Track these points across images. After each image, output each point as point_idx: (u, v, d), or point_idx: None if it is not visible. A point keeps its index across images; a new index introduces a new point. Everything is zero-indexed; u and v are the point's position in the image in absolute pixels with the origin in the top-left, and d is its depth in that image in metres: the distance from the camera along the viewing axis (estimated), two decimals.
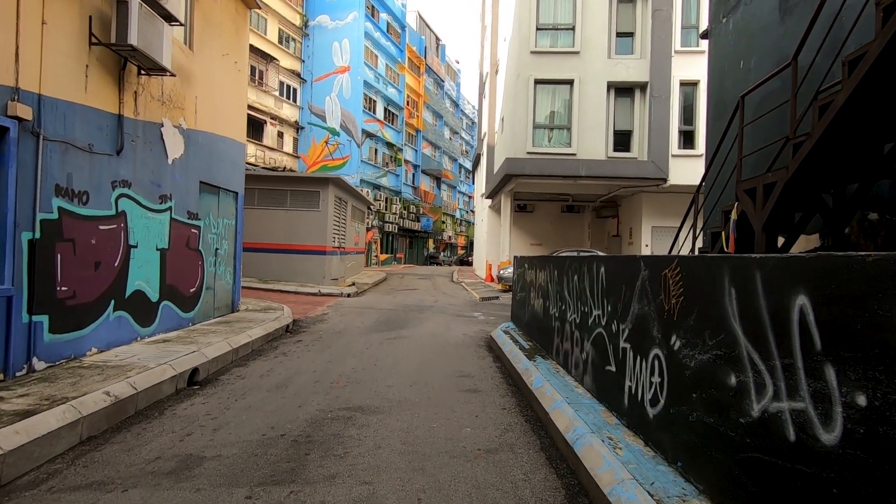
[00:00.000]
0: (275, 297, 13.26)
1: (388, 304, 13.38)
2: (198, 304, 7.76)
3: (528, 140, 15.73)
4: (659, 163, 14.99)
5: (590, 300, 4.41)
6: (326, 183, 16.11)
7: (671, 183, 15.25)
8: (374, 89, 35.19)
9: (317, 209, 16.12)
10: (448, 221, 55.06)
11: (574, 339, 4.86)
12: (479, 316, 11.56)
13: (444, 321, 10.49)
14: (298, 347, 7.36)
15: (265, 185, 16.12)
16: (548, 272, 6.15)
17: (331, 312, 11.20)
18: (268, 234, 16.10)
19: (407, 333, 8.81)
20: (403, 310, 12.14)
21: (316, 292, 14.67)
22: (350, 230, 20.37)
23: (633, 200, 17.80)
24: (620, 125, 15.91)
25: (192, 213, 7.49)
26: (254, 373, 5.86)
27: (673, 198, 16.71)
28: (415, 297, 15.35)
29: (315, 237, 16.09)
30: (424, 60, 44.76)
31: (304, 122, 33.14)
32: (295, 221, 16.12)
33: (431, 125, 47.56)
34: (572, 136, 15.66)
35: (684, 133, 15.72)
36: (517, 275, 8.47)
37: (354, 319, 10.28)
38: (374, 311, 11.59)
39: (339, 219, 18.00)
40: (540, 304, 6.51)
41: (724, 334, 2.36)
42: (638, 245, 17.23)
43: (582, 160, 15.26)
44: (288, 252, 16.10)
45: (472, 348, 7.63)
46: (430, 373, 6.01)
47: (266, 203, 16.14)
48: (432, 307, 12.92)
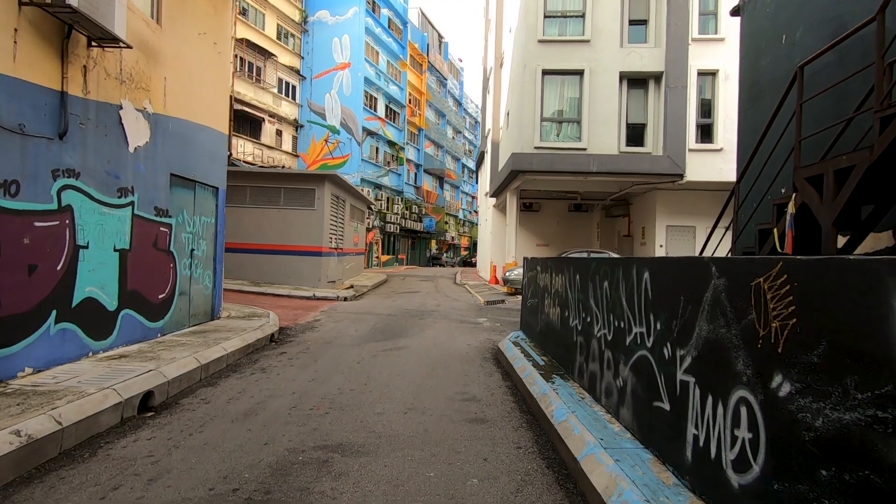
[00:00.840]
0: (265, 301, 12.40)
1: (386, 308, 12.50)
2: (169, 313, 6.89)
3: (535, 134, 14.83)
4: (675, 158, 14.07)
5: (627, 313, 3.52)
6: (322, 180, 15.26)
7: (688, 179, 14.32)
8: (374, 86, 34.36)
9: (312, 208, 15.27)
10: (451, 222, 54.19)
11: (605, 361, 3.96)
12: (484, 322, 10.67)
13: (446, 328, 9.60)
14: (280, 361, 6.49)
15: (257, 182, 15.28)
16: (566, 277, 5.25)
17: (324, 318, 10.33)
18: (260, 234, 15.25)
19: (405, 343, 7.92)
20: (403, 315, 11.26)
21: (310, 296, 13.81)
22: (348, 230, 19.51)
23: (646, 198, 16.88)
24: (633, 118, 15.00)
25: (161, 210, 6.63)
26: (222, 395, 4.98)
27: (689, 195, 15.79)
28: (416, 301, 14.48)
29: (310, 237, 15.23)
30: (427, 58, 43.93)
31: (304, 119, 32.35)
32: (289, 221, 15.27)
33: (434, 124, 46.72)
34: (582, 130, 14.76)
35: (702, 126, 14.79)
36: (528, 278, 7.58)
37: (349, 327, 9.40)
38: (371, 317, 10.72)
39: (337, 218, 17.14)
40: (556, 314, 5.61)
41: (891, 385, 1.46)
42: (651, 245, 16.31)
43: (593, 155, 14.35)
44: (282, 253, 15.25)
45: (477, 362, 6.74)
46: (429, 395, 5.12)
47: (259, 201, 15.30)
48: (434, 312, 12.04)
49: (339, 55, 32.66)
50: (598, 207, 21.22)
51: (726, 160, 14.43)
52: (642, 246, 17.16)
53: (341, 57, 32.63)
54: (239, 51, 26.32)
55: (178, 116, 6.97)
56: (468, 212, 61.39)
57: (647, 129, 14.95)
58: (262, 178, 15.32)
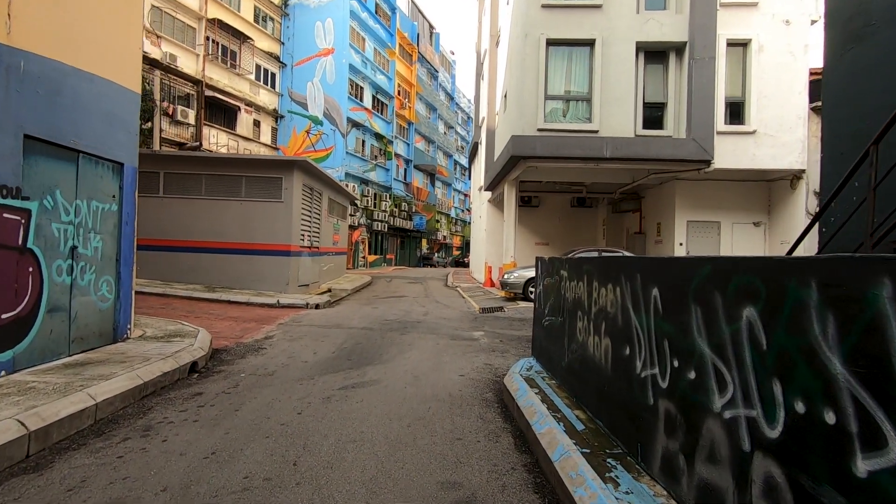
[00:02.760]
0: (216, 310, 10.23)
1: (363, 318, 10.37)
2: (26, 338, 4.73)
3: (538, 114, 12.77)
4: (702, 141, 12.07)
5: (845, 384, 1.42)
6: (290, 167, 13.09)
7: (715, 167, 12.33)
8: (360, 75, 32.17)
9: (279, 200, 13.09)
10: (443, 220, 52.09)
11: (756, 473, 1.86)
12: (481, 338, 8.57)
13: (432, 348, 7.49)
14: (183, 413, 4.35)
15: (214, 169, 13.08)
16: (626, 290, 3.16)
17: (278, 335, 8.18)
18: (218, 230, 13.06)
19: (375, 375, 5.81)
20: (381, 328, 9.14)
21: (273, 303, 11.64)
22: (327, 227, 17.35)
23: (662, 190, 14.89)
24: (651, 96, 12.99)
25: (7, 189, 4.48)
26: (34, 496, 2.85)
27: (714, 186, 13.82)
28: (400, 308, 12.36)
29: (276, 234, 13.06)
30: (417, 48, 41.80)
31: (284, 110, 30.12)
32: (252, 215, 13.09)
33: (424, 118, 44.59)
34: (593, 110, 12.72)
35: (731, 105, 12.80)
36: (544, 286, 5.48)
37: (307, 347, 7.27)
38: (340, 332, 8.58)
39: (311, 213, 14.97)
40: (603, 349, 3.52)
41: None
42: (669, 243, 14.32)
43: (606, 138, 12.31)
44: (243, 253, 13.07)
45: (474, 409, 4.65)
46: (396, 490, 3.03)
47: (216, 192, 13.10)
48: (420, 323, 9.94)
49: (321, 40, 30.45)
50: (603, 202, 19.22)
51: (760, 144, 12.47)
52: (657, 245, 15.17)
53: (324, 42, 30.42)
54: (211, 32, 24.09)
55: (44, 54, 4.81)
56: (460, 210, 59.31)
57: (667, 110, 12.94)
58: (219, 164, 13.12)
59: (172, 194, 13.02)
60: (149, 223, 12.95)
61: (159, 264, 12.91)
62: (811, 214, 12.14)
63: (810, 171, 12.26)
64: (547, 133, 12.67)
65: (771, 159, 12.45)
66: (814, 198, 12.27)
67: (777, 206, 13.56)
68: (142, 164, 13.45)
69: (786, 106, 12.41)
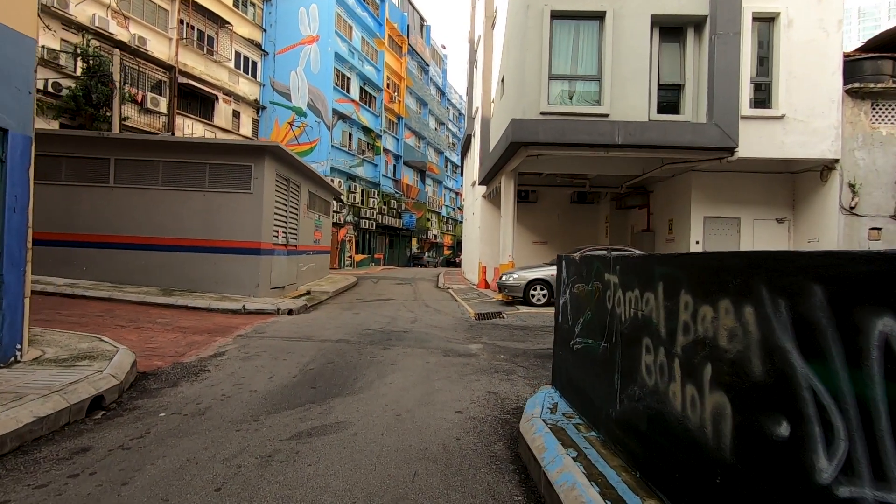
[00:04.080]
0: (166, 318, 8.66)
1: (341, 327, 8.87)
2: None
3: (541, 95, 11.35)
4: (726, 127, 10.72)
5: None
6: (261, 154, 11.53)
7: (739, 156, 11.00)
8: (347, 64, 30.57)
9: (248, 191, 11.53)
10: (433, 219, 50.61)
11: None
12: (479, 353, 7.11)
13: (421, 369, 6.02)
14: (35, 494, 2.84)
15: (173, 155, 11.48)
16: (778, 315, 1.70)
17: (231, 352, 6.65)
18: (178, 224, 11.47)
19: (343, 414, 4.32)
20: (360, 340, 7.65)
21: (238, 309, 10.09)
22: (306, 223, 15.79)
23: (675, 183, 13.55)
24: (667, 77, 11.63)
25: None
26: None
27: (734, 178, 12.52)
28: (385, 314, 10.88)
29: (246, 230, 11.50)
30: (407, 40, 40.27)
31: (266, 101, 28.42)
32: (217, 207, 11.52)
33: (415, 112, 43.07)
34: (603, 91, 11.33)
35: (757, 87, 11.48)
36: (574, 294, 4.01)
37: (261, 370, 5.76)
38: (310, 347, 7.07)
39: (286, 206, 13.42)
40: (708, 408, 2.08)
41: None
42: (683, 242, 12.98)
43: (617, 123, 10.93)
44: (207, 250, 11.49)
45: (480, 475, 3.19)
46: None
47: (175, 181, 11.51)
48: (407, 333, 8.46)
49: (305, 28, 28.81)
50: (606, 198, 17.89)
51: (789, 130, 11.16)
52: (669, 243, 13.84)
53: (308, 30, 28.78)
54: (185, 15, 22.39)
55: None
56: (452, 209, 57.88)
57: (685, 92, 11.59)
58: (179, 149, 11.52)
59: (125, 184, 11.41)
60: (96, 217, 11.33)
61: (109, 264, 11.30)
62: (847, 209, 10.87)
63: (844, 161, 10.99)
64: (551, 117, 11.25)
65: (800, 147, 11.15)
66: (848, 191, 11.00)
67: (803, 201, 12.28)
68: (89, 149, 11.87)
69: (817, 88, 11.13)
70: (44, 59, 15.75)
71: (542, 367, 6.33)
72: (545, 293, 11.83)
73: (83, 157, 11.31)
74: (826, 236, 11.40)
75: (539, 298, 11.82)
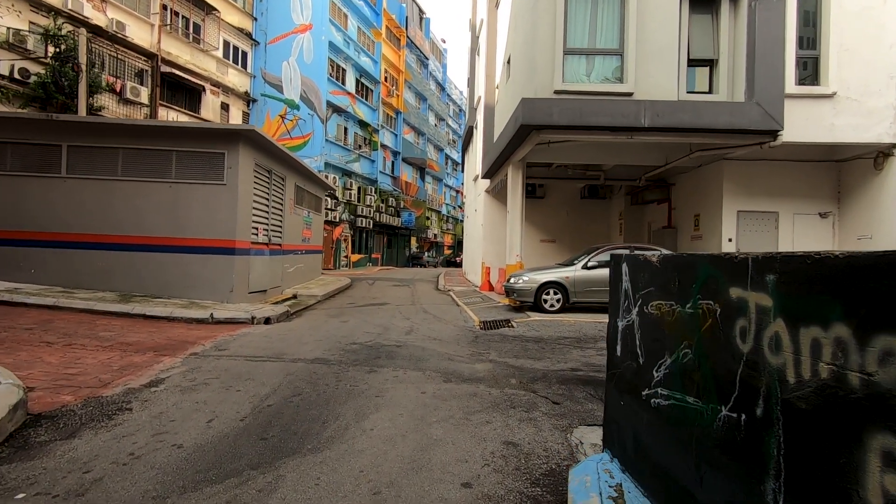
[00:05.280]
0: (113, 330, 7.25)
1: (322, 340, 7.45)
2: None
3: (555, 73, 9.94)
4: (768, 106, 9.30)
5: None
6: (235, 139, 10.10)
7: (783, 140, 9.57)
8: (342, 55, 29.15)
9: (220, 181, 10.12)
10: (433, 217, 49.20)
11: None
12: (487, 377, 5.68)
13: (414, 405, 4.59)
14: None
15: (134, 140, 10.05)
16: None
17: (173, 378, 5.22)
18: (142, 220, 10.06)
19: (294, 491, 2.89)
20: (342, 360, 6.23)
21: (205, 318, 8.67)
22: (293, 221, 14.38)
23: (702, 174, 12.12)
24: (697, 51, 10.21)
25: None
26: None
27: (771, 167, 11.10)
28: (378, 322, 9.47)
29: (218, 226, 10.09)
30: (405, 32, 38.85)
31: (257, 93, 26.99)
32: (186, 201, 10.11)
33: (414, 107, 41.65)
34: (626, 67, 9.92)
35: (802, 62, 10.06)
36: (647, 313, 2.58)
37: (202, 407, 4.33)
38: (276, 371, 5.65)
39: (268, 200, 12.01)
40: None
41: None
42: (713, 239, 11.56)
43: (643, 102, 9.50)
44: (174, 250, 10.07)
45: None
46: None
47: (137, 171, 10.09)
48: (400, 348, 7.04)
49: (298, 16, 27.38)
50: (620, 192, 16.46)
51: (840, 111, 9.74)
52: (695, 241, 12.41)
53: (301, 18, 27.35)
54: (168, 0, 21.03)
55: None
56: (452, 207, 56.47)
57: (718, 68, 10.17)
58: (140, 134, 10.09)
59: (80, 174, 9.99)
60: (47, 212, 9.92)
61: (61, 266, 9.88)
62: None
63: None
64: (566, 96, 9.84)
65: (852, 131, 9.73)
66: None
67: (851, 193, 10.85)
68: (38, 134, 10.29)
69: (872, 63, 9.71)
70: (8, 41, 14.35)
71: (570, 399, 4.92)
72: (559, 298, 10.41)
73: (31, 144, 9.89)
74: (880, 233, 9.98)
75: (552, 304, 10.40)
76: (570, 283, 10.35)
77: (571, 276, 10.38)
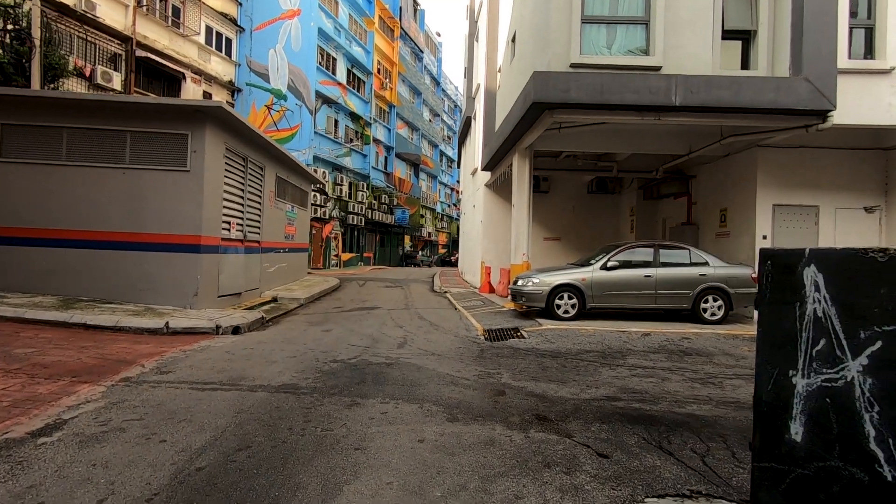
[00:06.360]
0: (38, 343, 5.83)
1: (294, 357, 6.08)
2: None
3: (572, 43, 8.63)
4: (818, 81, 8.03)
5: None
6: (201, 119, 8.69)
7: (834, 122, 8.31)
8: (333, 43, 27.69)
9: (183, 168, 8.70)
10: (427, 215, 47.82)
11: None
12: (505, 410, 4.33)
13: (409, 462, 3.23)
14: None
15: (82, 119, 8.61)
16: None
17: (80, 419, 3.81)
18: (91, 212, 8.63)
19: None
20: (315, 385, 4.87)
21: (158, 328, 7.27)
22: (274, 215, 12.98)
23: (731, 164, 10.86)
24: (733, 21, 8.93)
25: None
26: None
27: (811, 156, 9.86)
28: (366, 331, 8.11)
29: (181, 220, 8.68)
30: (399, 23, 37.43)
31: (242, 83, 25.51)
32: (143, 190, 8.68)
33: (408, 101, 40.23)
34: (653, 37, 8.62)
35: (854, 31, 8.81)
36: None
37: (96, 475, 2.94)
38: (225, 404, 4.27)
39: (243, 191, 10.61)
40: None
41: None
42: (745, 236, 10.30)
43: (674, 77, 8.20)
44: (130, 247, 8.65)
45: None
46: None
47: (86, 155, 8.65)
48: (391, 368, 5.69)
49: (286, 0, 25.89)
50: (632, 186, 15.18)
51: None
52: (721, 239, 11.15)
53: (289, 3, 25.87)
54: None
55: None
56: (447, 205, 55.09)
57: (757, 40, 8.90)
58: (88, 111, 8.64)
59: (17, 157, 8.55)
60: None
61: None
62: None
63: None
64: (584, 70, 8.52)
65: None
66: None
67: None
68: None
69: None
70: None
71: (621, 448, 3.61)
72: (574, 303, 9.09)
73: None
74: None
75: (567, 310, 9.08)
76: (587, 285, 9.04)
77: (589, 277, 9.07)
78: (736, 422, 4.31)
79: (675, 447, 3.71)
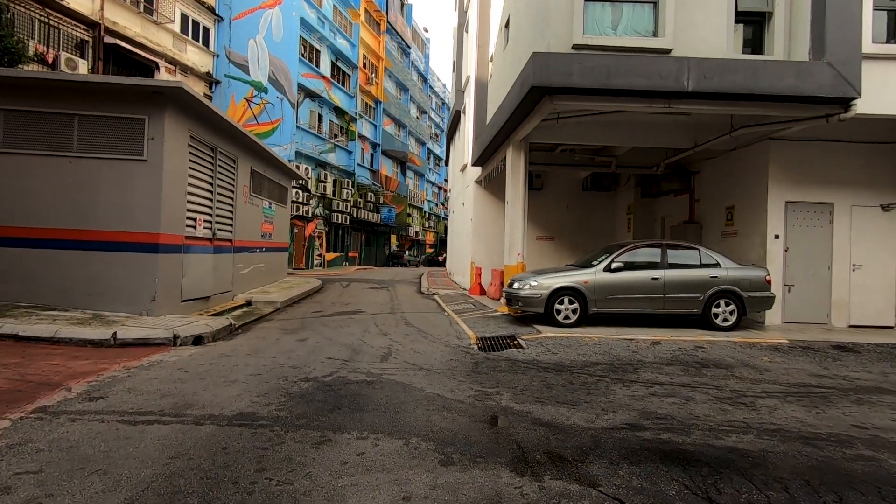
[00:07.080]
0: None
1: (258, 375, 5.20)
2: None
3: (574, 22, 7.84)
4: (842, 67, 7.35)
5: None
6: (160, 101, 7.72)
7: (858, 111, 7.64)
8: (316, 34, 26.66)
9: (139, 157, 7.73)
10: (414, 214, 46.91)
11: None
12: (510, 443, 3.50)
13: None
14: None
15: (21, 101, 7.59)
16: None
17: None
18: (32, 206, 7.61)
19: None
20: (279, 414, 4.00)
21: (105, 339, 6.30)
22: (248, 212, 12.01)
23: (739, 158, 10.17)
24: (747, 2, 8.23)
25: None
26: None
27: (825, 150, 9.21)
28: (346, 340, 7.23)
29: (137, 215, 7.71)
30: (386, 17, 36.47)
31: (220, 74, 24.36)
32: (92, 182, 7.69)
33: (395, 98, 39.27)
34: (662, 17, 7.88)
35: (878, 14, 8.16)
36: None
37: None
38: (157, 445, 3.38)
39: (211, 184, 9.64)
40: None
41: None
42: (754, 235, 9.62)
43: (686, 60, 7.45)
44: (76, 246, 7.65)
45: None
46: None
47: (26, 141, 7.63)
48: (372, 387, 4.83)
49: None
50: (629, 183, 14.48)
51: None
52: (728, 238, 10.46)
53: None
54: None
55: None
56: (434, 204, 54.22)
57: (773, 23, 8.21)
58: (27, 92, 7.63)
59: None
60: None
61: None
62: None
63: None
64: (588, 52, 7.73)
65: None
66: None
67: None
68: None
69: None
70: None
71: (661, 502, 2.80)
72: (576, 308, 8.30)
73: None
74: None
75: (567, 316, 8.29)
76: (589, 288, 8.26)
77: (591, 280, 8.29)
78: (789, 459, 3.55)
79: (729, 499, 2.92)
